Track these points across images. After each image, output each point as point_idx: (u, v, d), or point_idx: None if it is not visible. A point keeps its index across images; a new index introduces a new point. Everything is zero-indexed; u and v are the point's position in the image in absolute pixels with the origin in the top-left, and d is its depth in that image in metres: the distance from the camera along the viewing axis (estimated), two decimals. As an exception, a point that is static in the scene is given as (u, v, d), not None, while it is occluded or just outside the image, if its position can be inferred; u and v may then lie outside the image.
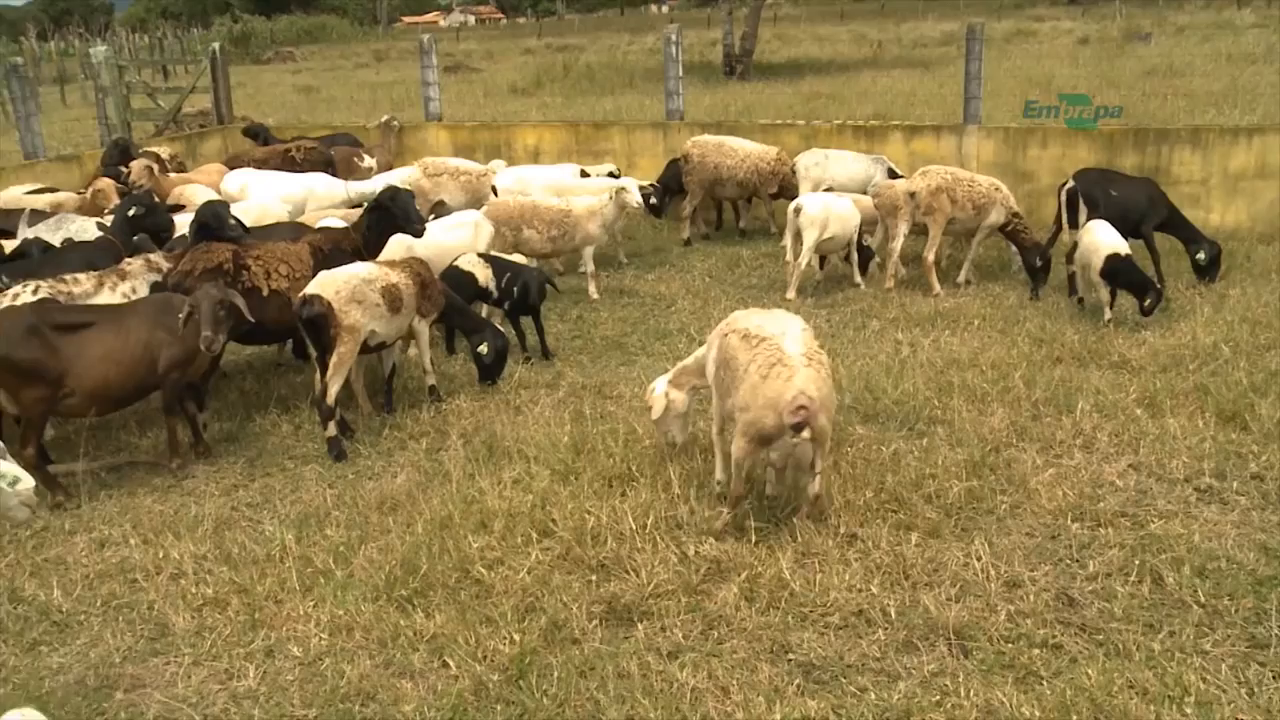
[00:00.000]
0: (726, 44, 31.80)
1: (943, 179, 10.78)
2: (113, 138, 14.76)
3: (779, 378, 5.63)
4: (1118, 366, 8.49)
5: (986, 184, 10.92)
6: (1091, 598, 5.34)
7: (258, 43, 59.35)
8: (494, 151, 15.58)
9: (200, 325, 6.87)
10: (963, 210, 10.75)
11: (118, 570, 5.96)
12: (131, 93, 18.64)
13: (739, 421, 5.78)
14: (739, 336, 6.01)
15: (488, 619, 5.27)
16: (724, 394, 6.10)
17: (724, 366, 6.08)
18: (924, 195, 10.67)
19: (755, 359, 5.77)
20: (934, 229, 10.74)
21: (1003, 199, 10.85)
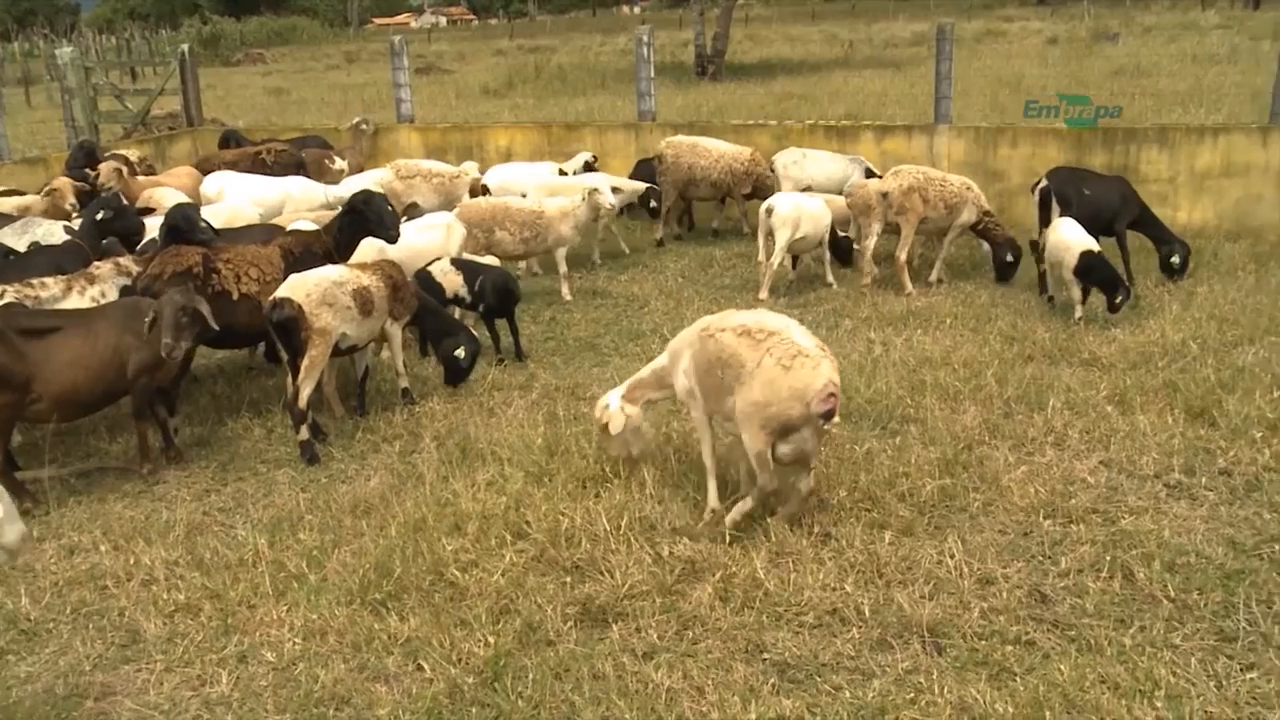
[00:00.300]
0: (698, 44, 31.88)
1: (915, 179, 10.84)
2: (78, 140, 14.63)
3: (804, 368, 5.61)
4: (1088, 364, 8.56)
5: (958, 183, 10.99)
6: (1063, 594, 5.38)
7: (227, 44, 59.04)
8: (466, 153, 15.55)
9: (161, 332, 6.80)
10: (935, 210, 10.81)
11: (87, 577, 5.91)
12: (99, 94, 18.50)
13: (756, 416, 5.70)
14: (735, 334, 5.91)
15: (462, 621, 5.25)
16: (715, 397, 6.03)
17: (715, 369, 5.96)
18: (896, 195, 10.72)
19: (770, 353, 5.71)
20: (906, 228, 10.79)
21: (974, 198, 10.92)
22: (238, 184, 11.82)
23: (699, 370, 6.12)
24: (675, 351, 6.37)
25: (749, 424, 5.75)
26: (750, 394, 5.71)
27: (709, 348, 6.04)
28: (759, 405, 5.67)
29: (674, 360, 6.36)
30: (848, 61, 34.17)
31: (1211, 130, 12.72)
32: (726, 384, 5.90)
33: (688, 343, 6.26)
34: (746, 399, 5.73)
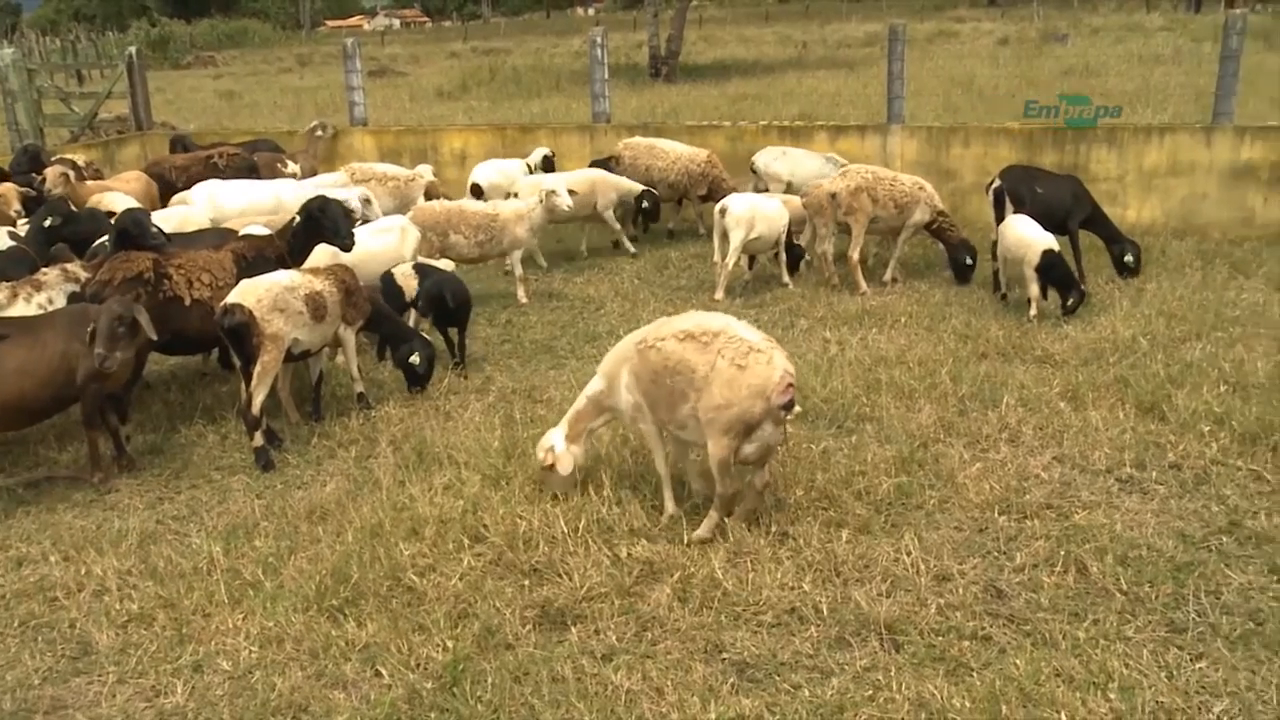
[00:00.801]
0: (652, 46, 31.95)
1: (863, 179, 10.90)
2: (22, 144, 14.40)
3: (759, 363, 5.61)
4: (1041, 361, 8.65)
5: (909, 183, 11.06)
6: (1019, 589, 5.43)
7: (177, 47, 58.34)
8: (420, 156, 15.48)
9: (95, 341, 6.68)
10: (884, 209, 10.87)
11: (36, 589, 5.81)
12: (43, 97, 18.21)
13: (719, 421, 5.65)
14: (678, 340, 5.85)
15: (420, 626, 5.22)
16: (666, 406, 5.95)
17: (663, 379, 5.89)
18: (844, 195, 10.78)
19: (721, 354, 5.67)
20: (856, 228, 10.86)
21: (927, 197, 10.99)
22: (228, 190, 11.54)
23: (643, 383, 6.03)
24: (610, 372, 6.26)
25: (713, 430, 5.69)
26: (710, 399, 5.65)
27: (651, 359, 5.96)
28: (721, 408, 5.63)
29: (611, 380, 6.24)
30: (801, 62, 34.37)
31: (1158, 130, 12.91)
32: (679, 392, 5.83)
33: (622, 359, 6.19)
34: (707, 405, 5.67)
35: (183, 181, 12.97)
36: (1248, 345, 8.55)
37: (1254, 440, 6.87)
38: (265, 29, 76.21)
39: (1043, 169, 11.57)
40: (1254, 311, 9.49)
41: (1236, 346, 8.52)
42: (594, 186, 12.51)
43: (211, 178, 12.78)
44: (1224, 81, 12.61)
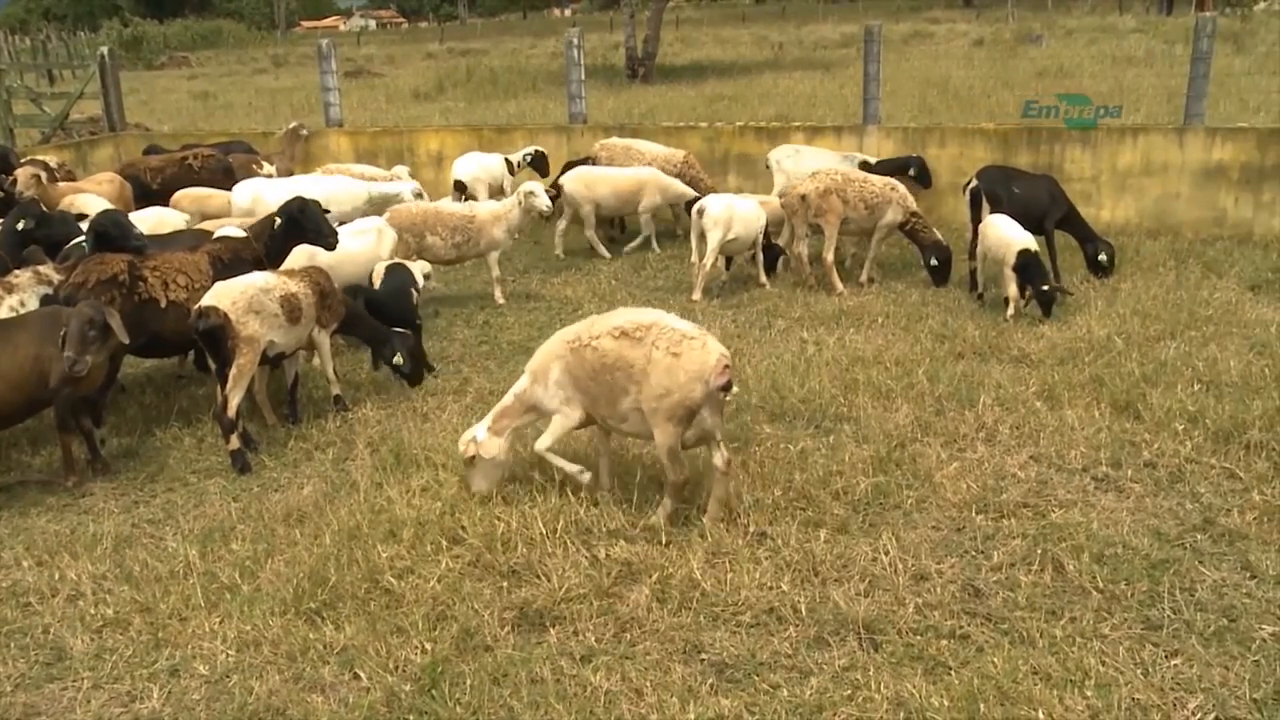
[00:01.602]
0: (629, 47, 31.96)
1: (832, 180, 10.92)
2: (-7, 145, 14.27)
3: (694, 349, 5.76)
4: (1017, 360, 8.70)
5: (880, 184, 11.08)
6: (996, 587, 5.46)
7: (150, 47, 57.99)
8: (396, 157, 15.44)
9: (65, 344, 6.63)
10: (855, 210, 10.88)
11: (9, 594, 5.75)
12: (13, 97, 18.06)
13: (662, 410, 5.78)
14: (614, 338, 5.97)
15: (398, 629, 5.20)
16: (606, 401, 6.07)
17: (601, 375, 6.00)
18: (813, 197, 10.81)
19: (656, 345, 5.82)
20: (828, 229, 10.87)
21: (899, 198, 11.01)
22: (275, 189, 11.38)
23: (581, 381, 6.12)
24: (539, 370, 6.28)
25: (657, 419, 5.83)
26: (651, 389, 5.80)
27: (588, 358, 6.04)
28: (662, 396, 5.76)
29: (538, 378, 6.27)
30: (777, 63, 34.48)
31: (1132, 130, 13.01)
32: (619, 387, 5.97)
33: (553, 356, 6.23)
34: (649, 395, 5.82)
35: (158, 183, 12.90)
36: (1220, 344, 8.62)
37: (1227, 438, 6.93)
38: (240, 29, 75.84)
39: (1019, 169, 11.64)
40: (1226, 310, 9.57)
41: (1210, 345, 8.60)
42: (643, 186, 12.51)
43: (186, 180, 12.73)
44: (1195, 83, 12.73)
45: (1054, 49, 33.10)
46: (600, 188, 12.65)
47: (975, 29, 42.61)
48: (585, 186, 12.66)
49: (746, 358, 8.87)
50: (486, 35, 63.69)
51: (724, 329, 9.83)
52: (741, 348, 9.19)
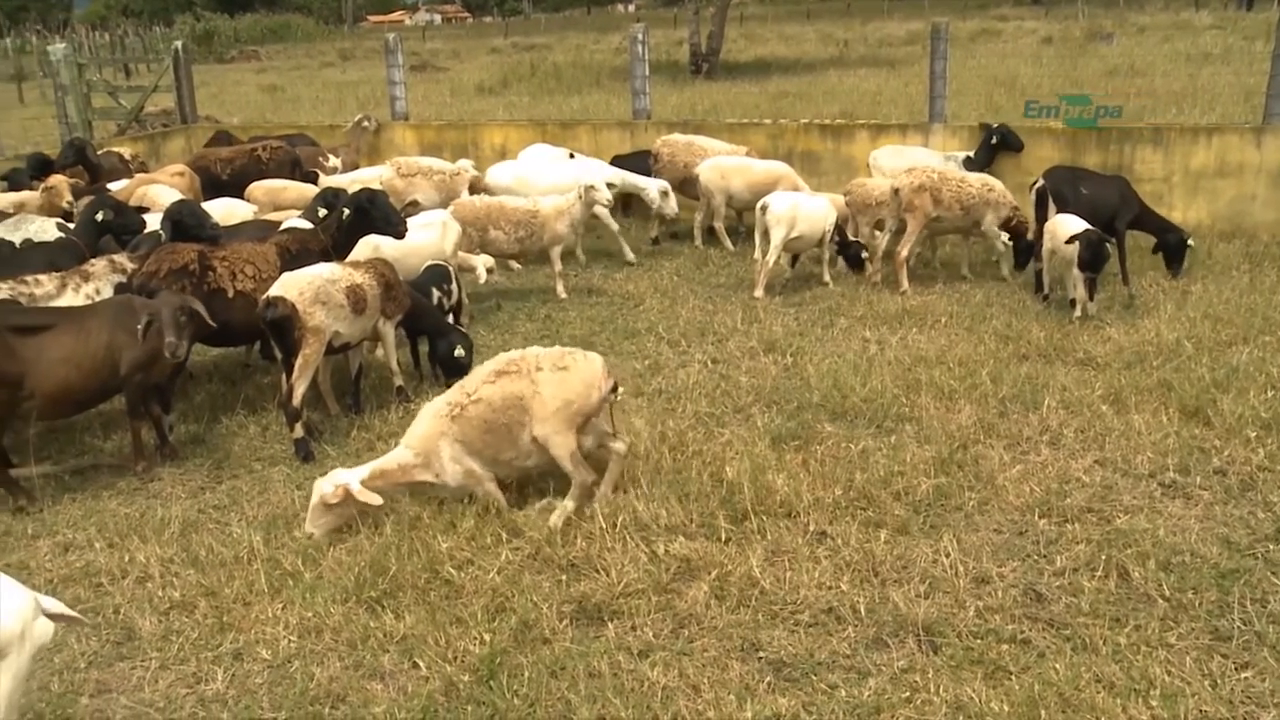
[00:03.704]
0: (693, 43, 31.86)
1: (928, 178, 10.82)
2: (69, 137, 14.57)
3: (578, 360, 6.20)
4: (1083, 363, 8.57)
5: (978, 184, 10.92)
6: (1059, 593, 5.39)
7: (221, 41, 58.88)
8: (461, 150, 15.52)
9: (164, 332, 6.79)
10: (949, 211, 10.77)
11: (82, 574, 5.89)
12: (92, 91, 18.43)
13: (562, 420, 6.03)
14: (492, 383, 6.14)
15: (457, 619, 5.25)
16: (508, 444, 6.15)
17: (495, 421, 6.09)
18: (906, 192, 10.72)
19: (539, 368, 6.13)
20: (911, 225, 10.78)
21: (997, 198, 10.83)
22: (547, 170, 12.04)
23: (474, 443, 6.15)
24: (425, 449, 6.20)
25: (557, 429, 6.04)
26: (547, 407, 6.03)
27: (474, 413, 6.12)
28: (560, 409, 6.02)
29: (429, 463, 6.20)
30: (842, 60, 34.20)
31: (1206, 130, 12.74)
32: (515, 423, 6.12)
33: (436, 435, 6.18)
34: (546, 411, 6.04)
35: (227, 174, 13.11)
36: (1295, 350, 8.42)
37: (1302, 446, 6.77)
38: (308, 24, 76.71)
39: (1088, 170, 11.45)
40: (1303, 316, 9.34)
41: (1284, 351, 8.40)
42: (778, 180, 12.43)
43: (255, 171, 12.93)
44: (1275, 80, 12.41)
45: (1125, 47, 32.50)
46: (734, 179, 12.63)
47: (1044, 27, 41.94)
48: (720, 177, 12.65)
49: (808, 356, 8.84)
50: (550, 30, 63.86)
51: (785, 326, 9.80)
52: (803, 346, 9.16)
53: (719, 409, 7.81)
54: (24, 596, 3.79)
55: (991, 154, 12.99)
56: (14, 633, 3.66)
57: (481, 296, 11.02)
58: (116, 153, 14.23)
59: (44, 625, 3.80)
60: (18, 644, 3.67)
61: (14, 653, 3.66)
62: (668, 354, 9.25)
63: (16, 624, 3.67)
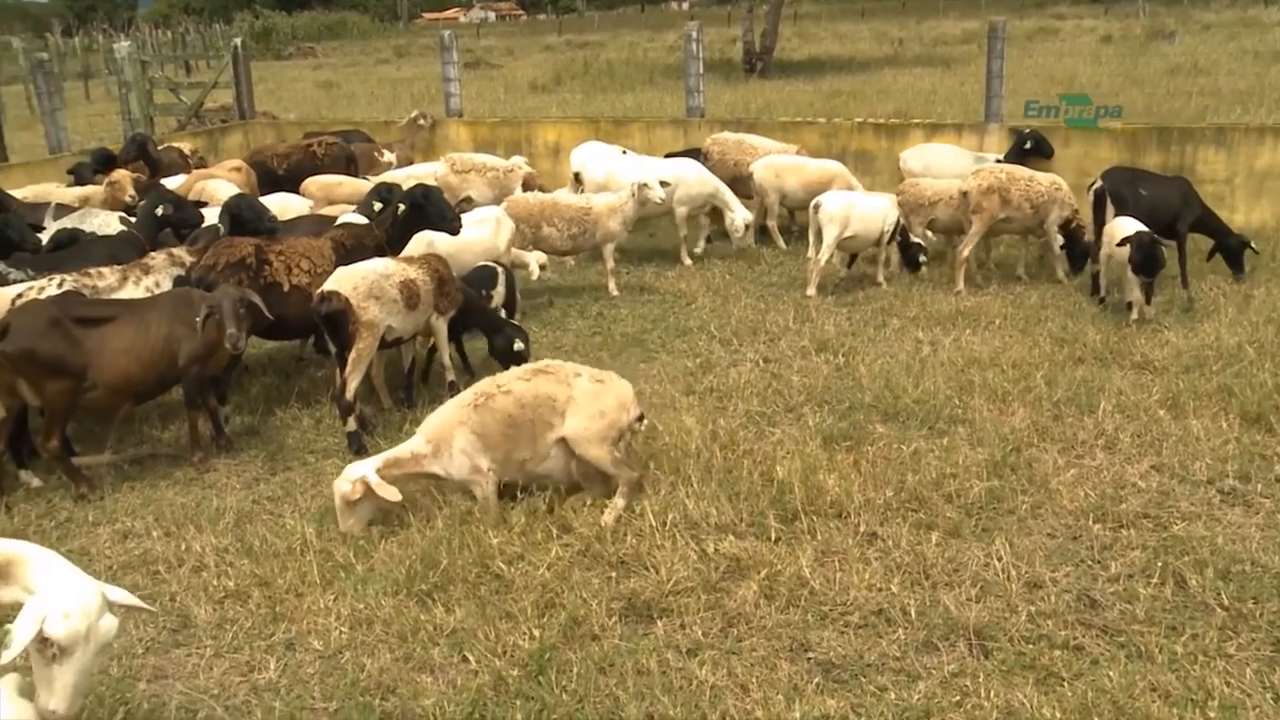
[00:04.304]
0: (747, 41, 31.76)
1: (996, 179, 10.72)
2: (131, 133, 14.82)
3: (613, 381, 6.37)
4: (1140, 367, 8.44)
5: (1047, 182, 10.82)
6: (1113, 599, 5.31)
7: (279, 39, 59.58)
8: (514, 147, 15.60)
9: (224, 323, 6.89)
10: (1019, 210, 10.67)
11: (140, 562, 5.99)
12: (154, 88, 18.74)
13: (594, 430, 6.12)
14: (526, 380, 6.27)
15: (507, 614, 5.27)
16: (527, 444, 6.21)
17: (521, 417, 6.16)
18: (975, 194, 10.64)
19: (577, 376, 6.29)
20: (977, 226, 10.70)
21: (1063, 196, 10.74)
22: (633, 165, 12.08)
23: (493, 436, 6.15)
24: (439, 439, 6.20)
25: (591, 436, 6.13)
26: (583, 414, 6.14)
27: (499, 405, 6.16)
28: (595, 419, 6.13)
29: (440, 450, 6.19)
30: (897, 59, 33.93)
31: (1272, 130, 12.49)
32: (541, 423, 6.19)
33: (455, 424, 6.19)
34: (581, 421, 6.14)
35: (283, 169, 13.27)
36: (1361, 356, 8.24)
37: (1367, 455, 6.63)
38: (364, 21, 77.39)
39: (1148, 171, 11.27)
40: (1369, 321, 9.14)
41: (1352, 358, 8.22)
42: (832, 179, 12.37)
43: (310, 167, 13.08)
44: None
45: (1188, 45, 31.96)
46: (789, 178, 12.61)
47: (1104, 25, 41.35)
48: (774, 175, 12.63)
49: (860, 356, 8.79)
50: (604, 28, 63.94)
51: (838, 326, 9.75)
52: (855, 346, 9.11)
53: (770, 408, 7.79)
54: (93, 596, 3.84)
55: (1022, 158, 12.83)
56: (80, 633, 3.72)
57: (534, 293, 11.06)
58: (177, 148, 14.45)
59: (109, 622, 3.86)
60: (83, 643, 3.73)
61: (79, 650, 3.72)
62: (719, 352, 9.24)
63: (83, 624, 3.73)
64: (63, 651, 3.70)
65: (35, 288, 7.45)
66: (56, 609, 3.70)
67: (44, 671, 3.74)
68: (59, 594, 3.77)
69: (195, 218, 9.57)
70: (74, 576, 3.91)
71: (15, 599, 3.87)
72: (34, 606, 3.72)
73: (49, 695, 3.74)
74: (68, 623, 3.70)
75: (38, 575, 3.84)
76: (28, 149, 17.78)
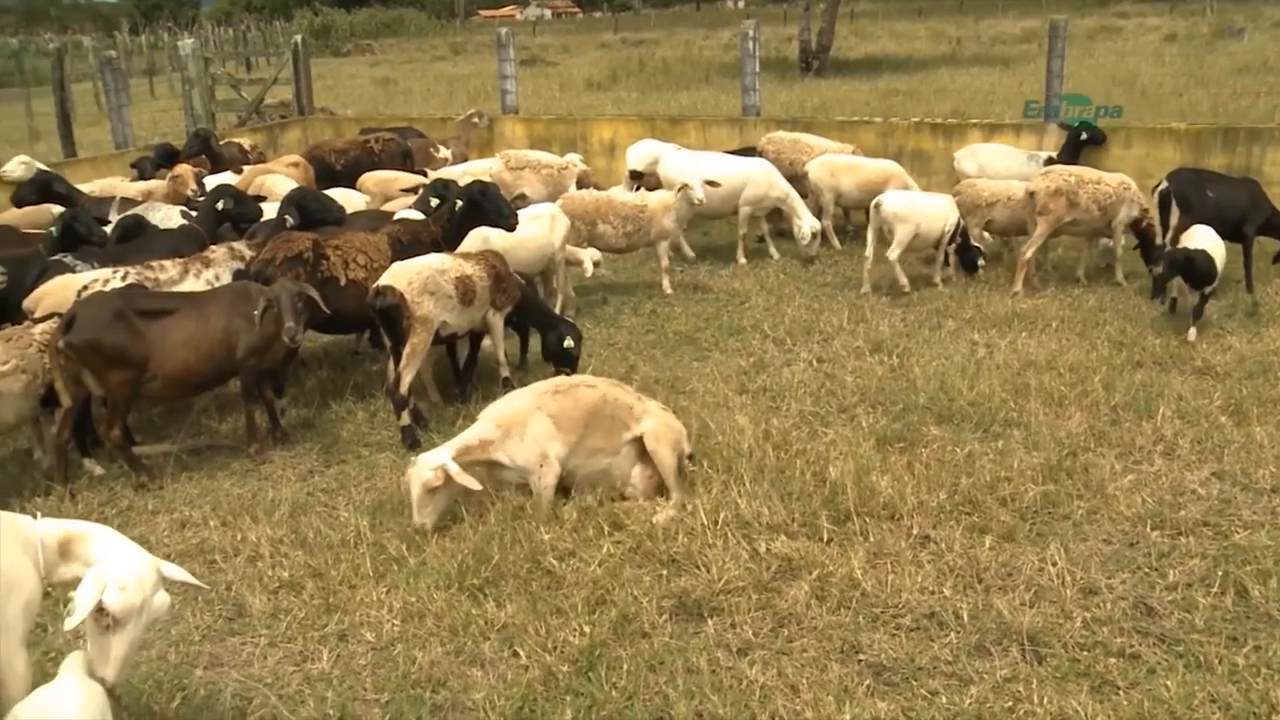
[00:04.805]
0: (803, 40, 31.57)
1: (1064, 181, 10.60)
2: (194, 128, 15.04)
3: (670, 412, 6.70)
4: (1201, 372, 8.30)
5: (1115, 183, 10.69)
6: (1171, 608, 5.23)
7: (337, 35, 60.24)
8: (569, 145, 15.65)
9: (282, 317, 6.97)
10: (1087, 213, 10.56)
11: (198, 551, 6.08)
12: (216, 84, 19.02)
13: (666, 438, 6.32)
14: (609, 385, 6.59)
15: (558, 610, 5.29)
16: (604, 436, 6.37)
17: (602, 411, 6.35)
18: (1042, 196, 10.53)
19: (649, 401, 6.61)
20: (1042, 228, 10.60)
21: (1132, 196, 10.61)
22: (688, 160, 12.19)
23: (571, 421, 6.26)
24: (511, 423, 6.24)
25: (665, 442, 6.31)
26: (656, 425, 6.36)
27: (581, 396, 6.36)
28: (666, 431, 6.37)
29: (511, 433, 6.22)
30: (954, 58, 33.59)
31: (1344, 131, 12.22)
32: (619, 421, 6.38)
33: (531, 409, 6.27)
34: (655, 429, 6.33)
35: (340, 164, 13.40)
36: None
37: None
38: (421, 18, 78.00)
39: (1215, 172, 11.07)
40: None
41: None
42: (888, 179, 12.34)
43: (367, 162, 13.20)
44: None
45: (1258, 43, 31.33)
46: (844, 178, 12.56)
47: (1168, 23, 40.68)
48: (829, 175, 12.59)
49: (915, 357, 8.72)
50: (660, 26, 63.89)
51: (892, 327, 9.68)
52: (910, 347, 9.04)
53: (823, 408, 7.75)
54: (149, 570, 3.92)
55: (1077, 152, 12.66)
56: (134, 605, 3.79)
57: (588, 290, 11.09)
58: (237, 143, 14.64)
59: (162, 598, 3.93)
60: (136, 615, 3.81)
61: (132, 622, 3.79)
62: (773, 352, 9.21)
63: (137, 597, 3.81)
64: (117, 623, 3.78)
65: (100, 280, 7.59)
66: (114, 580, 3.80)
67: (98, 640, 3.84)
68: (117, 567, 3.86)
69: (254, 212, 9.70)
70: (131, 551, 3.99)
71: (76, 575, 3.97)
72: (94, 577, 3.81)
73: (102, 664, 3.83)
74: (124, 595, 3.78)
75: (97, 549, 3.93)
76: (94, 144, 18.09)
